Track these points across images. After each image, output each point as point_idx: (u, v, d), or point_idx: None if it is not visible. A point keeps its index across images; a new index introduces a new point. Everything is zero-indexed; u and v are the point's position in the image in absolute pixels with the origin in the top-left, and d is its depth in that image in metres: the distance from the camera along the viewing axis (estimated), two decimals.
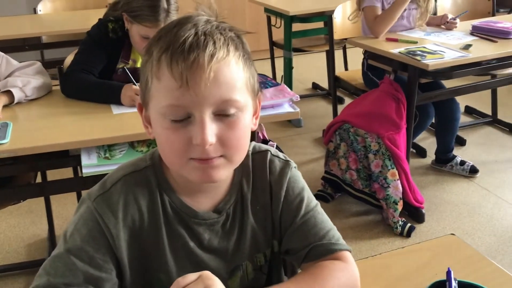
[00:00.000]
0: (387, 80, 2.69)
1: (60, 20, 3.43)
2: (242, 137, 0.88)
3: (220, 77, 0.82)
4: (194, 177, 0.88)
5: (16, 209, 2.74)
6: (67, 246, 0.90)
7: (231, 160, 0.88)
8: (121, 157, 1.73)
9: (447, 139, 3.04)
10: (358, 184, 2.70)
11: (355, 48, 3.09)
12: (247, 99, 0.88)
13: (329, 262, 0.96)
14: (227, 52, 0.83)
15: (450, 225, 2.63)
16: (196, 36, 0.82)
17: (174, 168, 0.91)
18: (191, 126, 0.83)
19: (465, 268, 1.05)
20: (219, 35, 0.84)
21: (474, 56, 2.57)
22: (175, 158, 0.87)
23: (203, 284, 0.79)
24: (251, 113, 0.90)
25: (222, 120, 0.84)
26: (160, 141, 0.89)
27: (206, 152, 0.83)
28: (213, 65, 0.81)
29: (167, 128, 0.85)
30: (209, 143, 0.82)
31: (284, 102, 1.91)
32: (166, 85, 0.83)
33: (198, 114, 0.82)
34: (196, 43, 0.81)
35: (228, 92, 0.83)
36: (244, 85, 0.87)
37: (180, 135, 0.84)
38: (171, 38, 0.83)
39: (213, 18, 0.88)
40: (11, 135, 1.70)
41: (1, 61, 1.99)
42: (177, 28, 0.84)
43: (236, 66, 0.85)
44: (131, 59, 2.14)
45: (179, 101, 0.82)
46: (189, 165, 0.86)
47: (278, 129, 3.69)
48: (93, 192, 0.93)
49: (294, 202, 1.00)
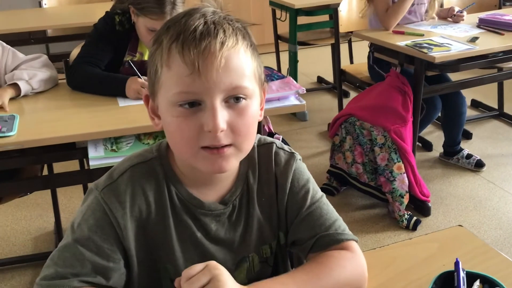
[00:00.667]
0: (393, 73, 2.68)
1: (65, 13, 3.44)
2: (251, 125, 0.88)
3: (230, 64, 0.83)
4: (204, 167, 0.88)
5: (23, 202, 2.76)
6: (74, 236, 0.91)
7: (240, 148, 0.88)
8: (128, 149, 1.73)
9: (453, 133, 3.03)
10: (364, 178, 2.69)
11: (361, 42, 3.08)
12: (255, 87, 0.88)
13: (335, 252, 0.96)
14: (236, 40, 0.84)
15: (456, 219, 2.63)
16: (206, 25, 0.83)
17: (184, 157, 0.91)
18: (202, 113, 0.84)
19: (473, 259, 1.05)
20: (228, 25, 0.85)
21: (481, 48, 2.55)
22: (186, 147, 0.87)
23: (210, 274, 0.79)
24: (258, 102, 0.91)
25: (232, 107, 0.85)
26: (170, 130, 0.89)
27: (218, 139, 0.84)
28: (224, 52, 0.82)
29: (178, 116, 0.85)
30: (221, 129, 0.83)
31: (290, 94, 1.91)
32: (177, 72, 0.83)
33: (209, 101, 0.83)
34: (207, 31, 0.82)
35: (238, 79, 0.84)
36: (253, 73, 0.88)
37: (191, 123, 0.84)
38: (180, 27, 0.84)
39: (219, 10, 0.89)
40: (18, 127, 1.71)
41: (8, 54, 1.99)
42: (186, 18, 0.85)
43: (245, 54, 0.86)
44: (138, 52, 2.14)
45: (190, 87, 0.82)
46: (199, 155, 0.86)
47: (283, 123, 3.68)
48: (100, 182, 0.94)
49: (299, 194, 1.00)
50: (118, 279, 0.92)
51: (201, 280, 0.79)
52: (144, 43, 2.09)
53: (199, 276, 0.79)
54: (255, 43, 0.91)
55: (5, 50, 1.99)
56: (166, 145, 0.97)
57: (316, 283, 0.90)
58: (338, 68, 3.35)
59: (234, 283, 0.82)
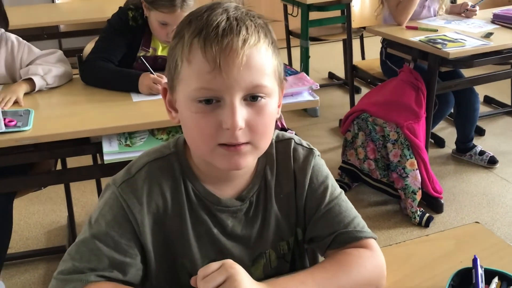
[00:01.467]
0: (407, 69, 2.67)
1: (77, 9, 3.45)
2: (269, 124, 0.88)
3: (251, 62, 0.82)
4: (220, 164, 0.88)
5: (36, 196, 2.78)
6: (92, 231, 0.91)
7: (257, 147, 0.88)
8: (142, 144, 1.74)
9: (466, 129, 3.01)
10: (376, 174, 2.68)
11: (372, 37, 3.07)
12: (274, 86, 0.88)
13: (355, 250, 0.95)
14: (258, 38, 0.84)
15: (469, 216, 2.61)
16: (229, 21, 0.83)
17: (200, 153, 0.91)
18: (221, 110, 0.83)
19: (490, 256, 1.04)
20: (250, 22, 0.84)
21: (495, 44, 2.53)
22: (203, 143, 0.87)
23: (226, 272, 0.79)
24: (277, 100, 0.91)
25: (250, 105, 0.85)
26: (188, 125, 0.89)
27: (235, 137, 0.83)
28: (246, 50, 0.81)
29: (196, 112, 0.85)
30: (239, 127, 0.82)
31: (303, 90, 1.90)
32: (198, 68, 0.83)
33: (229, 98, 0.82)
34: (229, 28, 0.82)
35: (259, 78, 0.84)
36: (273, 72, 0.87)
37: (209, 120, 0.84)
38: (203, 22, 0.83)
39: (241, 5, 0.88)
40: (33, 122, 1.72)
41: (23, 49, 2.01)
42: (208, 13, 0.84)
43: (266, 53, 0.85)
44: (152, 47, 2.14)
45: (210, 84, 0.82)
46: (216, 151, 0.86)
47: (294, 119, 3.67)
48: (118, 178, 0.94)
49: (318, 190, 1.00)
50: (134, 275, 0.93)
51: (217, 279, 0.78)
52: (157, 38, 2.10)
53: (215, 275, 0.79)
54: (276, 40, 0.90)
55: (21, 45, 2.01)
56: (183, 141, 0.97)
57: (335, 282, 0.90)
58: (350, 64, 3.34)
59: (251, 282, 0.81)
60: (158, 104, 1.89)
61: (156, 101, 1.91)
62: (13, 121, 1.69)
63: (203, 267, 0.80)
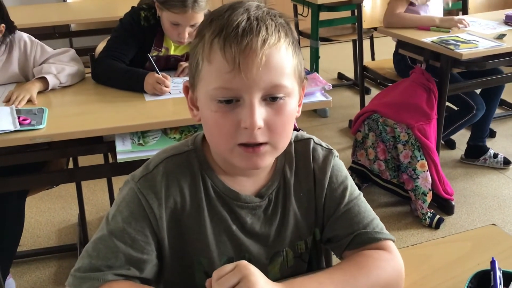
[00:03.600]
0: (418, 70, 2.65)
1: (88, 8, 3.47)
2: (288, 123, 0.88)
3: (271, 62, 0.82)
4: (239, 163, 0.88)
5: (46, 194, 2.79)
6: (109, 228, 0.91)
7: (276, 146, 0.88)
8: (155, 143, 1.74)
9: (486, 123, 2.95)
10: (386, 175, 2.67)
11: (382, 38, 3.05)
12: (294, 85, 0.88)
13: (373, 252, 0.95)
14: (278, 38, 0.84)
15: (480, 218, 2.60)
16: (249, 21, 0.83)
17: (220, 151, 0.91)
18: (240, 110, 0.84)
19: (507, 258, 1.03)
20: (271, 21, 0.84)
21: (508, 45, 2.52)
22: (223, 142, 0.87)
23: (240, 274, 0.79)
24: (297, 100, 0.91)
25: (269, 105, 0.85)
26: (208, 124, 0.89)
27: (254, 136, 0.84)
28: (265, 50, 0.81)
29: (216, 111, 0.85)
30: (258, 126, 0.83)
31: (316, 90, 1.90)
32: (218, 68, 0.83)
33: (248, 98, 0.83)
34: (249, 28, 0.82)
35: (278, 77, 0.84)
36: (293, 71, 0.87)
37: (228, 119, 0.84)
38: (223, 22, 0.84)
39: (262, 4, 0.88)
40: (46, 120, 1.73)
41: (36, 48, 2.01)
42: (229, 12, 0.85)
43: (286, 52, 0.85)
44: (164, 47, 2.14)
45: (229, 84, 0.82)
46: (235, 151, 0.86)
47: (303, 119, 3.67)
48: (136, 174, 0.95)
49: (338, 190, 0.99)
50: (150, 270, 0.93)
51: (230, 280, 0.78)
52: (169, 37, 2.10)
53: (229, 277, 0.78)
54: (297, 39, 0.90)
55: (34, 44, 2.02)
56: (202, 137, 0.97)
57: (353, 283, 0.89)
58: (360, 65, 3.33)
59: (265, 282, 0.81)
60: (171, 104, 1.90)
61: (169, 100, 1.91)
62: (27, 120, 1.69)
63: (217, 269, 0.80)
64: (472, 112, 2.74)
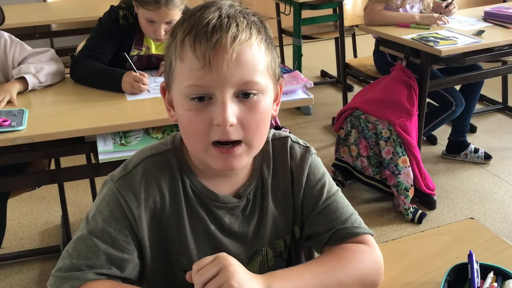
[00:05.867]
0: (399, 67, 2.68)
1: (69, 8, 3.44)
2: (262, 121, 0.88)
3: (242, 59, 0.83)
4: (214, 165, 0.89)
5: (29, 196, 2.77)
6: (89, 228, 0.91)
7: (251, 145, 0.88)
8: (137, 143, 1.74)
9: (466, 118, 2.99)
10: (369, 171, 2.70)
11: (364, 35, 3.08)
12: (268, 82, 0.88)
13: (353, 245, 0.96)
14: (249, 35, 0.84)
15: (461, 212, 2.63)
16: (220, 18, 0.83)
17: (195, 152, 0.92)
18: (212, 107, 0.84)
19: (485, 251, 1.05)
20: (242, 19, 0.85)
21: (487, 42, 2.55)
22: (197, 141, 0.87)
23: (220, 264, 0.80)
24: (271, 98, 0.91)
25: (243, 102, 0.85)
26: (182, 123, 0.89)
27: (227, 133, 0.84)
28: (236, 47, 0.82)
29: (189, 110, 0.86)
30: (230, 123, 0.83)
31: (298, 88, 1.91)
32: (189, 65, 0.84)
33: (220, 95, 0.83)
34: (219, 25, 0.83)
35: (250, 74, 0.84)
36: (266, 68, 0.87)
37: (201, 116, 0.85)
38: (195, 20, 0.84)
39: (236, 3, 0.89)
40: (27, 122, 1.71)
41: (16, 46, 2.00)
42: (201, 11, 0.85)
43: (258, 49, 0.86)
44: (145, 45, 2.13)
45: (201, 81, 0.83)
46: (209, 151, 0.87)
47: (287, 117, 3.69)
48: (115, 174, 0.94)
49: (315, 188, 1.00)
50: (132, 270, 0.93)
51: (210, 271, 0.79)
52: (146, 35, 2.09)
53: (209, 268, 0.79)
54: (272, 37, 0.91)
55: (13, 43, 2.00)
56: (180, 137, 0.97)
57: (333, 275, 0.91)
58: (343, 62, 3.35)
59: (244, 273, 0.82)
60: (153, 103, 1.90)
61: (151, 100, 1.91)
62: (7, 121, 1.68)
63: (197, 262, 0.81)
64: (452, 108, 2.77)
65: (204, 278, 0.79)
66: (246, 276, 0.81)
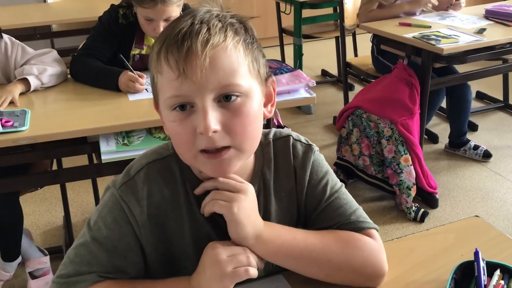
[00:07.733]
0: (400, 65, 2.68)
1: (69, 8, 3.43)
2: (249, 124, 0.85)
3: (217, 63, 0.81)
4: (206, 171, 0.88)
5: (31, 197, 2.76)
6: (91, 234, 0.91)
7: (241, 149, 0.86)
8: (139, 143, 1.73)
9: (459, 122, 3.02)
10: (371, 170, 2.70)
11: (364, 34, 3.07)
12: (251, 83, 0.85)
13: (357, 234, 0.96)
14: (224, 37, 0.82)
15: (463, 210, 2.63)
16: (192, 25, 0.82)
17: (187, 161, 0.90)
18: (195, 115, 0.82)
19: (491, 249, 1.05)
20: (217, 22, 0.83)
21: (489, 40, 2.55)
22: (186, 151, 0.86)
23: (240, 188, 0.88)
24: (259, 99, 0.88)
25: (225, 107, 0.83)
26: (171, 135, 0.89)
27: (212, 140, 0.82)
28: (208, 51, 0.80)
29: (174, 121, 0.84)
30: (212, 129, 0.81)
31: (300, 87, 1.91)
32: (166, 77, 0.83)
33: (200, 102, 0.81)
34: (189, 32, 0.81)
35: (228, 77, 0.82)
36: (247, 70, 0.85)
37: (185, 126, 0.83)
38: (168, 31, 0.84)
39: (216, 9, 0.87)
40: (29, 122, 1.71)
41: (17, 49, 1.99)
42: (176, 21, 0.85)
43: (234, 51, 0.83)
44: (145, 44, 2.13)
45: (179, 91, 0.82)
46: (199, 159, 0.85)
47: (288, 116, 3.68)
48: (117, 180, 0.94)
49: (319, 186, 0.99)
50: (136, 275, 0.92)
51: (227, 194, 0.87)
52: (146, 33, 2.08)
53: (233, 184, 0.87)
54: (255, 37, 0.88)
55: (14, 45, 1.99)
56: None
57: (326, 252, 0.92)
58: (343, 61, 3.35)
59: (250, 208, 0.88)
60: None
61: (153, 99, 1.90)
62: (9, 122, 1.68)
63: (227, 180, 0.88)
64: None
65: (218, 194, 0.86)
66: (249, 211, 0.87)
